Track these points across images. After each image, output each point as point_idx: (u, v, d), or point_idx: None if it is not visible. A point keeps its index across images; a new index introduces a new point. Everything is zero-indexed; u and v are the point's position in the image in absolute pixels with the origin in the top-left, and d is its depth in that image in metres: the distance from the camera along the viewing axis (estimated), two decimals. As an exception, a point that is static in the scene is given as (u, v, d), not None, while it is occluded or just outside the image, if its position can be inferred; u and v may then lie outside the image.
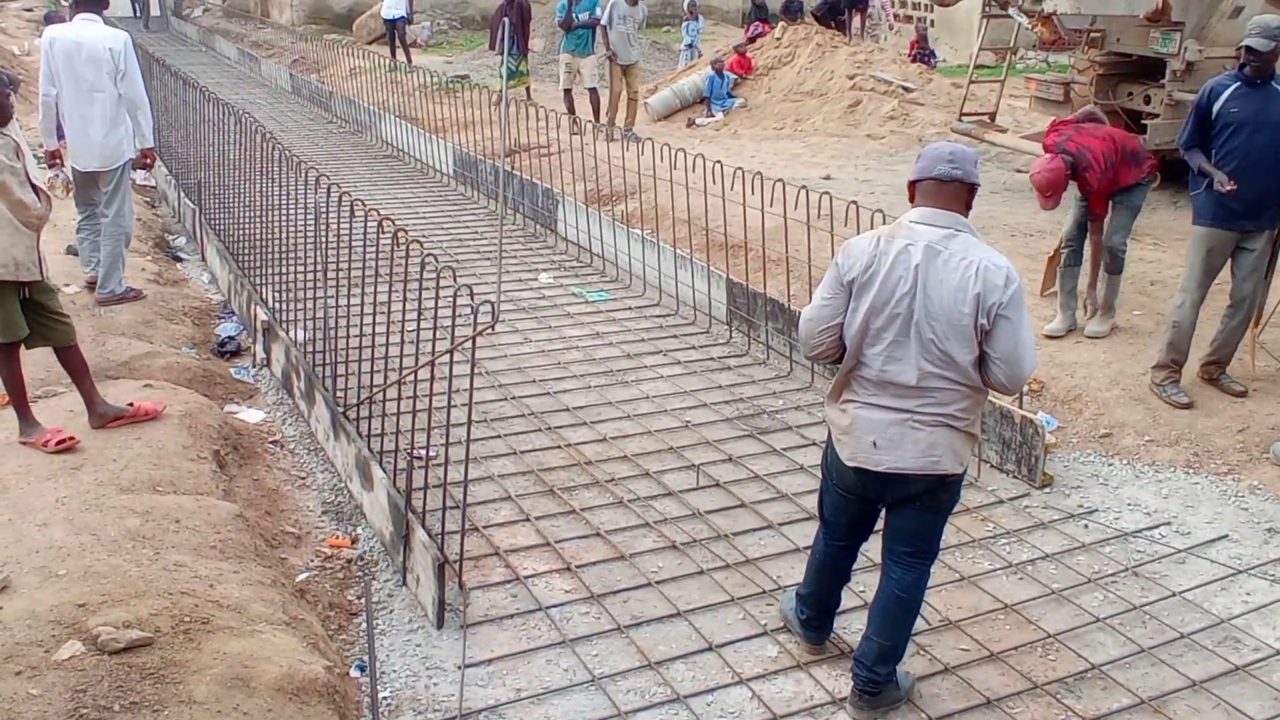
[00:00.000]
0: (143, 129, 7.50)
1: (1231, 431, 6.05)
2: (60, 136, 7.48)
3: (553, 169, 10.51)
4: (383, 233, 5.20)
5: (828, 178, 11.21)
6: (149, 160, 7.85)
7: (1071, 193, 7.23)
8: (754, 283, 7.58)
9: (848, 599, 4.36)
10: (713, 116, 15.65)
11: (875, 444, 3.77)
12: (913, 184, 3.81)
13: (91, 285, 7.60)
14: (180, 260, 9.64)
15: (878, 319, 3.70)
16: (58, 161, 7.43)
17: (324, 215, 5.88)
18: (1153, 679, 4.29)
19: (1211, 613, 4.70)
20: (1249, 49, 5.98)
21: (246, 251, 7.84)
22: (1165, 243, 9.24)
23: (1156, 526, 5.37)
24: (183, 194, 10.47)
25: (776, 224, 7.29)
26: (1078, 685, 4.25)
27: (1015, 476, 5.81)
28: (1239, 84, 6.08)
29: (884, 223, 4.56)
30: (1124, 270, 7.23)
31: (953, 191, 3.71)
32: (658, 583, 4.80)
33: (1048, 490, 5.70)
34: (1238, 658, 4.41)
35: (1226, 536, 5.27)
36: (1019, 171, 11.93)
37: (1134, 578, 4.96)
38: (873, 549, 4.27)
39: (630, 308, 8.39)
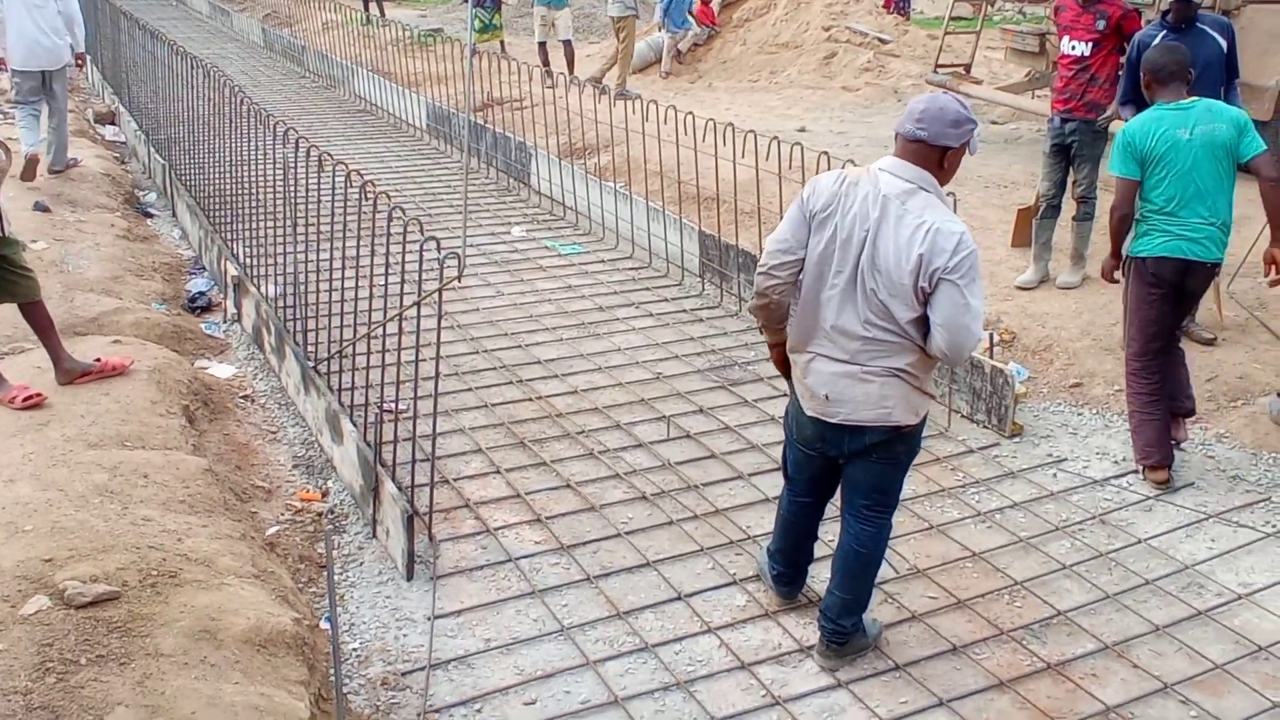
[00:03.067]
0: (77, 38, 9.42)
1: (1200, 381, 6.08)
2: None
3: (526, 122, 10.43)
4: (351, 186, 5.16)
5: (802, 130, 11.17)
6: (80, 63, 9.85)
7: (1044, 146, 7.24)
8: (726, 235, 7.57)
9: (818, 549, 4.38)
10: (670, 32, 15.38)
11: (828, 397, 3.77)
12: (897, 135, 3.78)
13: (32, 161, 8.93)
14: (150, 216, 9.55)
15: (831, 262, 3.69)
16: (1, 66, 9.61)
17: (294, 169, 5.82)
18: (1117, 624, 4.34)
19: (1176, 559, 4.75)
20: None
21: (217, 207, 7.77)
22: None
23: (1124, 475, 5.41)
24: (153, 150, 10.35)
25: (749, 176, 7.27)
26: (1043, 631, 4.29)
27: (985, 426, 5.85)
28: (1165, 32, 6.10)
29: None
30: (1094, 220, 7.23)
31: (920, 151, 3.67)
32: (627, 533, 4.82)
33: (1017, 440, 5.73)
34: (1200, 602, 4.46)
35: (1192, 484, 5.31)
36: (995, 123, 11.93)
37: (1101, 525, 5.00)
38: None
39: (603, 260, 8.37)
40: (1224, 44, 6.12)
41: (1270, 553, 4.79)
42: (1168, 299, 5.19)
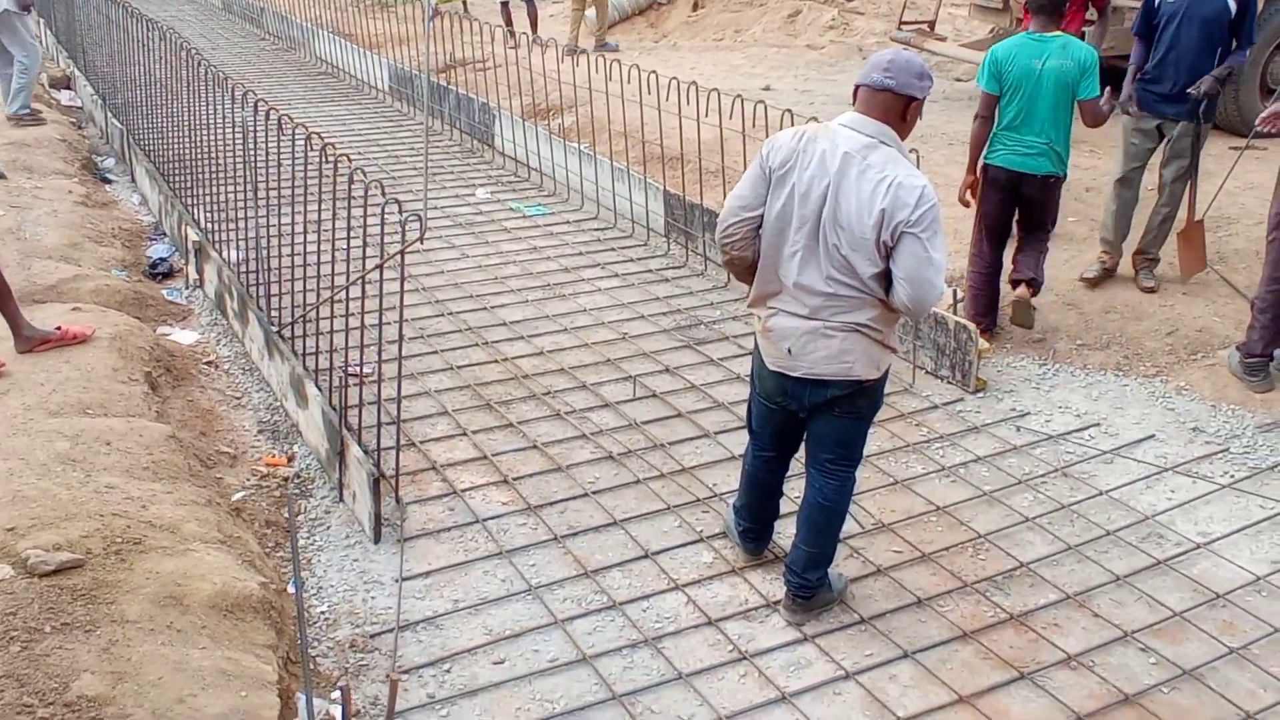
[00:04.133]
0: None
1: (1160, 334, 6.15)
2: None
3: (489, 84, 10.35)
4: (311, 148, 5.11)
5: (767, 88, 11.13)
6: (28, 9, 9.61)
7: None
8: (691, 194, 7.55)
9: (784, 506, 4.41)
10: None
11: (790, 350, 3.79)
12: (856, 89, 3.76)
13: None
14: (109, 182, 9.43)
15: (791, 219, 3.69)
16: None
17: (254, 133, 5.76)
18: (1079, 574, 4.40)
19: (1136, 510, 4.81)
20: None
21: (177, 172, 7.68)
22: (1101, 149, 9.28)
23: (1086, 428, 5.47)
24: (110, 114, 10.21)
25: (714, 135, 7.24)
26: (1006, 583, 4.35)
27: (949, 382, 5.89)
28: None
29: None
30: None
31: (885, 102, 3.65)
32: (594, 493, 4.83)
33: (981, 395, 5.78)
34: (1160, 552, 4.53)
35: (1153, 436, 5.38)
36: (959, 80, 11.92)
37: (1063, 478, 5.06)
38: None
39: (568, 221, 8.34)
40: (1234, 7, 6.11)
41: (1228, 502, 4.86)
42: (1004, 202, 6.07)
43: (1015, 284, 6.21)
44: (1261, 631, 4.07)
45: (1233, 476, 5.03)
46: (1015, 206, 6.12)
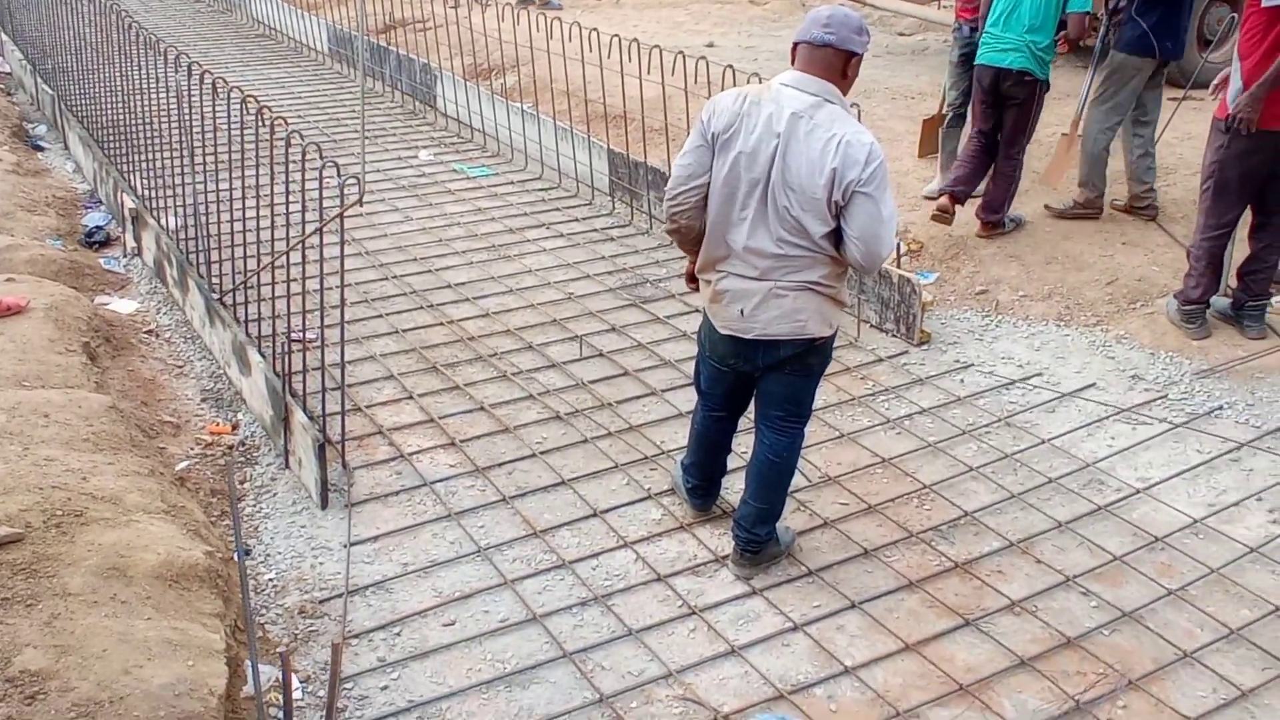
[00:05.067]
0: None
1: (1101, 284, 6.23)
2: None
3: (430, 44, 10.22)
4: (248, 112, 5.02)
5: (710, 45, 11.09)
6: None
7: (951, 56, 7.29)
8: (636, 153, 7.52)
9: (731, 461, 4.43)
10: None
11: (743, 312, 3.79)
12: (794, 47, 3.74)
13: None
14: (41, 149, 9.22)
15: (739, 184, 3.67)
16: None
17: (188, 97, 5.65)
18: (1022, 522, 4.47)
19: (1078, 457, 4.89)
20: None
21: (111, 138, 7.53)
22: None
23: (1029, 378, 5.54)
24: (40, 80, 9.97)
25: (657, 93, 7.20)
26: (951, 532, 4.41)
27: (894, 335, 5.93)
28: None
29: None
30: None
31: (826, 58, 3.64)
32: (542, 453, 4.83)
33: (926, 347, 5.83)
34: (1101, 498, 4.61)
35: (1094, 385, 5.45)
36: (901, 35, 11.95)
37: (1006, 428, 5.12)
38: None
39: (512, 182, 8.28)
40: None
41: (1167, 448, 4.95)
42: (989, 103, 6.55)
43: (946, 192, 6.71)
44: (1198, 573, 4.16)
45: (1171, 422, 5.12)
46: (999, 113, 6.57)
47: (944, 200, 6.62)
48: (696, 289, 4.09)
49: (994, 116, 6.59)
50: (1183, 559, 4.24)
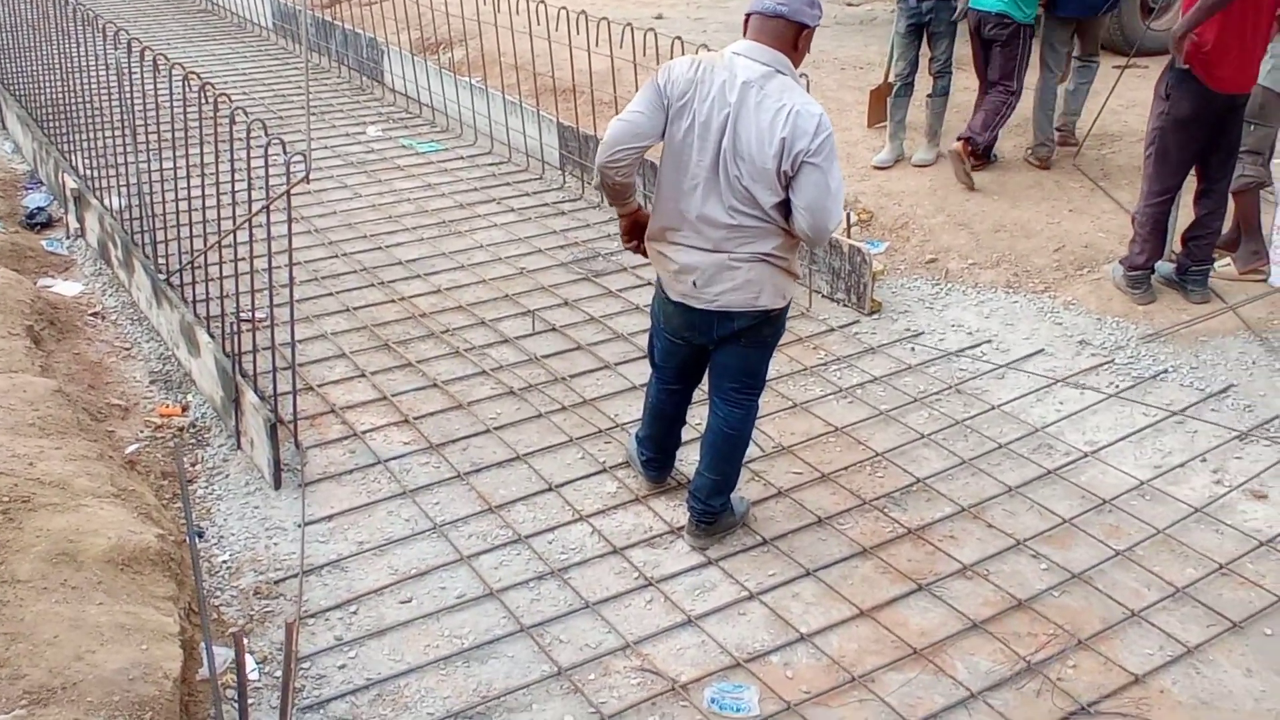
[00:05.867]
0: None
1: (1048, 251, 6.29)
2: None
3: (377, 18, 10.11)
4: (190, 88, 4.95)
5: (659, 17, 11.05)
6: None
7: (896, 27, 7.31)
8: (586, 126, 7.49)
9: (686, 433, 4.45)
10: None
11: (695, 284, 3.79)
12: (747, 17, 3.73)
13: None
14: (-21, 130, 9.05)
15: (691, 152, 3.67)
16: None
17: (128, 74, 5.56)
18: (973, 487, 4.52)
19: (1027, 423, 4.95)
20: None
21: (51, 117, 7.40)
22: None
23: (978, 345, 5.59)
24: (-24, 58, 9.76)
25: (606, 66, 7.18)
26: (903, 498, 4.45)
27: (845, 305, 5.97)
28: None
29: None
30: (949, 96, 7.34)
31: (778, 29, 3.64)
32: (496, 429, 4.83)
33: (876, 316, 5.87)
34: (1050, 462, 4.67)
35: (1042, 351, 5.52)
36: (850, 5, 11.96)
37: (957, 395, 5.17)
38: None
39: (462, 157, 8.23)
40: None
41: (1114, 412, 5.02)
42: (981, 44, 7.00)
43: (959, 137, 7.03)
44: (1145, 533, 4.23)
45: (1118, 386, 5.19)
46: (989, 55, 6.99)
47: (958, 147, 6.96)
48: (635, 248, 4.07)
49: (985, 60, 7.03)
50: (1130, 520, 4.31)
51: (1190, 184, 5.73)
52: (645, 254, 4.03)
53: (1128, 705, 3.47)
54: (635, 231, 4.03)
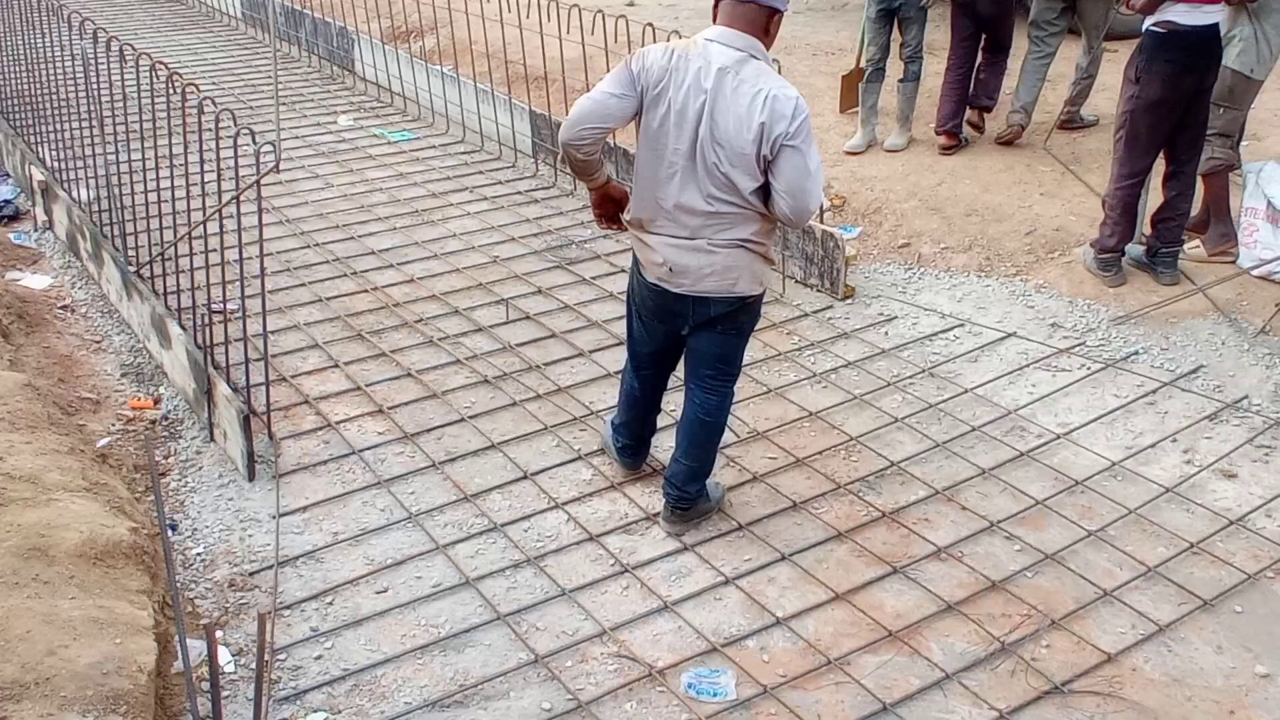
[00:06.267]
0: None
1: (1020, 235, 6.32)
2: None
3: (347, 7, 10.03)
4: (157, 78, 4.90)
5: (631, 4, 11.01)
6: None
7: (867, 12, 7.32)
8: (557, 114, 7.45)
9: (661, 420, 4.45)
10: None
11: (672, 270, 3.79)
12: (716, 3, 3.72)
13: None
14: (-56, 122, 8.94)
15: (667, 140, 3.66)
16: None
17: (95, 64, 5.50)
18: (947, 470, 4.55)
19: (1000, 405, 4.98)
20: None
21: (17, 109, 7.32)
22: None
23: (951, 329, 5.62)
24: (-60, 50, 9.65)
25: (578, 53, 7.16)
26: (878, 482, 4.47)
27: (819, 290, 5.98)
28: None
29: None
30: (920, 81, 7.36)
31: (749, 14, 3.63)
32: (471, 418, 4.82)
33: (850, 301, 5.89)
34: (1023, 444, 4.70)
35: (1014, 334, 5.54)
36: (821, -10, 11.94)
37: (930, 378, 5.20)
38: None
39: (434, 146, 8.19)
40: None
41: (1085, 393, 5.05)
42: (964, 20, 7.20)
43: (972, 107, 7.44)
44: (1117, 513, 4.26)
45: (1089, 369, 5.23)
46: (979, 29, 7.19)
47: (944, 140, 7.30)
48: (608, 223, 4.05)
49: (974, 37, 7.21)
50: (1102, 501, 4.35)
51: (1160, 167, 5.77)
52: (620, 227, 4.02)
53: (1101, 684, 3.50)
54: (606, 205, 4.01)
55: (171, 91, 4.69)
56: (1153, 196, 5.90)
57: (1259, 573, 3.97)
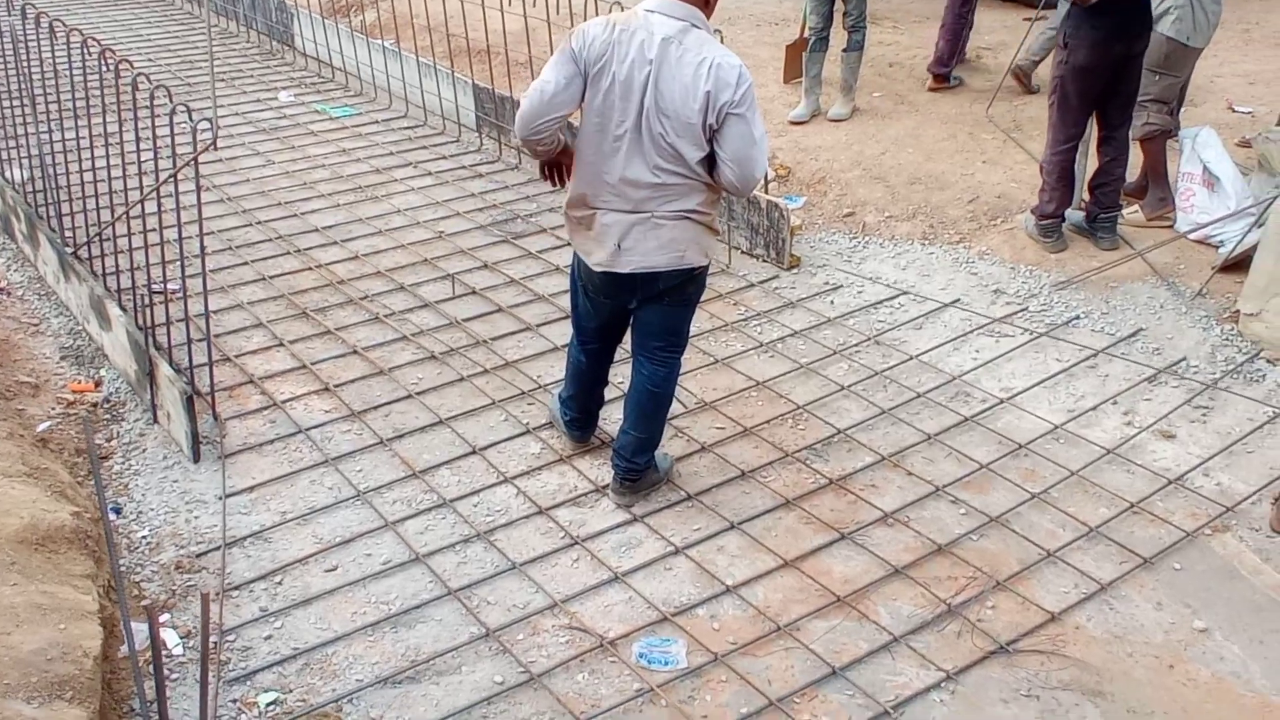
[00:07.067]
0: None
1: (963, 203, 6.37)
2: None
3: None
4: (89, 55, 4.81)
5: (574, -25, 10.94)
6: None
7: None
8: (501, 87, 7.42)
9: (609, 392, 4.46)
10: None
11: (620, 246, 3.78)
12: None
13: None
14: None
15: (612, 114, 3.64)
16: None
17: (24, 41, 5.39)
18: (893, 436, 4.59)
19: (945, 371, 5.03)
20: None
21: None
22: (904, 25, 9.48)
23: (896, 296, 5.66)
24: None
25: (520, 25, 7.11)
26: (825, 449, 4.51)
27: (765, 260, 6.00)
28: None
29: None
30: (863, 51, 7.39)
31: None
32: (418, 394, 4.80)
33: (796, 271, 5.91)
34: (967, 410, 4.76)
35: (958, 301, 5.60)
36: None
37: (876, 346, 5.24)
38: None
39: (376, 121, 8.11)
40: None
41: (1028, 358, 5.12)
42: None
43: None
44: (1059, 475, 4.33)
45: (1031, 334, 5.29)
46: None
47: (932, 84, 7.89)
48: (555, 178, 4.02)
49: None
50: (1045, 464, 4.41)
51: (1096, 133, 5.83)
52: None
53: (1044, 642, 3.56)
54: (564, 158, 3.90)
55: (105, 68, 4.61)
56: (1090, 163, 5.97)
57: (1197, 530, 4.05)
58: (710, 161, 3.67)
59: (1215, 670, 3.49)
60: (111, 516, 4.08)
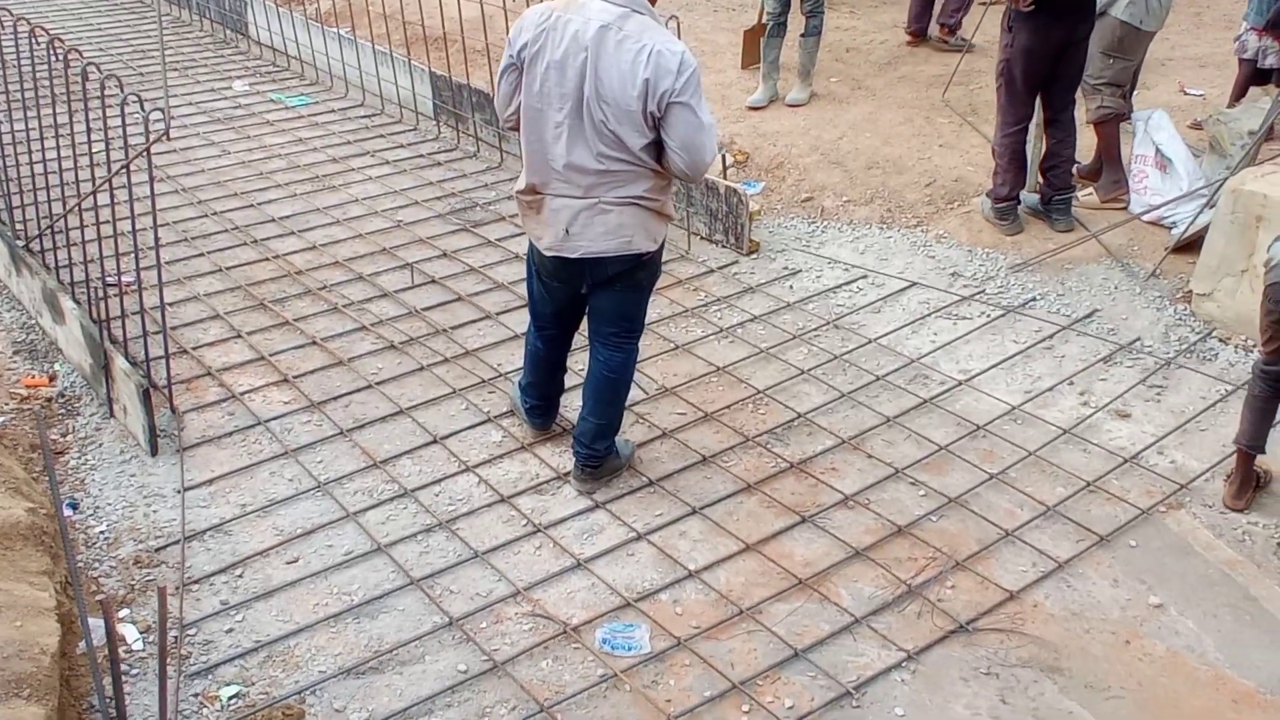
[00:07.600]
0: None
1: (920, 186, 6.41)
2: None
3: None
4: (37, 44, 4.74)
5: (531, -38, 10.89)
6: None
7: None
8: (458, 75, 7.37)
9: (568, 379, 4.46)
10: None
11: (568, 231, 3.78)
12: None
13: None
14: None
15: (551, 100, 3.64)
16: None
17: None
18: (853, 419, 4.62)
19: (903, 354, 5.07)
20: None
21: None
22: (860, 10, 9.51)
23: (854, 280, 5.69)
24: None
25: (477, 13, 7.06)
26: (785, 434, 4.53)
27: (724, 246, 6.01)
28: None
29: None
30: (820, 36, 7.41)
31: None
32: (378, 384, 4.78)
33: (755, 256, 5.92)
34: (925, 392, 4.79)
35: (916, 284, 5.63)
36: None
37: (835, 330, 5.27)
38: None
39: (333, 110, 8.04)
40: None
41: (986, 340, 5.16)
42: None
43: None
44: (1017, 456, 4.38)
45: (989, 316, 5.34)
46: None
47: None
48: None
49: None
50: (1003, 444, 4.46)
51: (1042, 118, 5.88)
52: None
53: (1003, 621, 3.61)
54: None
55: (54, 58, 4.54)
56: (1042, 146, 6.01)
57: (1152, 508, 4.11)
58: (657, 148, 3.67)
59: (1170, 645, 3.54)
60: (68, 512, 4.04)
